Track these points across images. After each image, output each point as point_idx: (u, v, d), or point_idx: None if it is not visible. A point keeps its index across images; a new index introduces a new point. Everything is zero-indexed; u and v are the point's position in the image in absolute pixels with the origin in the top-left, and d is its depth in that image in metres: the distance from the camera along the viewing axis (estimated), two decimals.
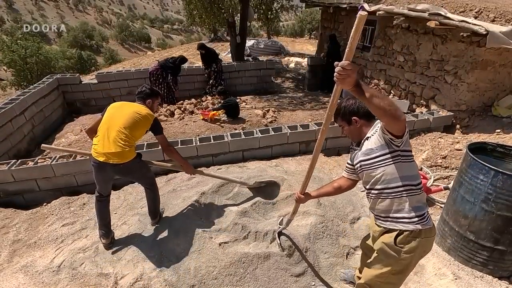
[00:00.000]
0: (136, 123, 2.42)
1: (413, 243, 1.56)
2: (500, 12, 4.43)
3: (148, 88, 2.66)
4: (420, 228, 1.55)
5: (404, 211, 1.57)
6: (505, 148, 2.53)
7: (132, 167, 2.51)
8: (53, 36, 62.10)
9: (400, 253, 1.59)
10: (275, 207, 3.09)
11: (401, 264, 1.62)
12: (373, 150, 1.57)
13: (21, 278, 2.45)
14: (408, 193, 1.56)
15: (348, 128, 1.72)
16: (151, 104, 2.63)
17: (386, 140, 1.51)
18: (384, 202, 1.62)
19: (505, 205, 2.14)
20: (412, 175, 1.57)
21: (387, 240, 1.63)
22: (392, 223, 1.62)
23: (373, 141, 1.59)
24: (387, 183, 1.58)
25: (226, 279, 2.33)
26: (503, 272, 2.38)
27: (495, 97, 4.74)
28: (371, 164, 1.59)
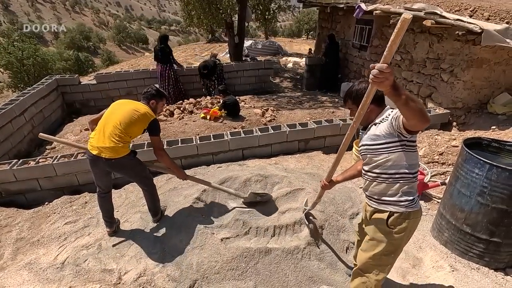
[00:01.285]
0: (132, 120, 2.41)
1: (403, 224, 1.66)
2: (495, 11, 4.50)
3: (154, 89, 2.65)
4: (410, 211, 1.65)
5: (397, 195, 1.66)
6: (500, 143, 2.59)
7: (125, 164, 2.51)
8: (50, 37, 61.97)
9: (392, 233, 1.69)
10: (275, 203, 3.13)
11: (393, 244, 1.71)
12: (380, 136, 1.61)
13: (25, 275, 2.48)
14: (404, 180, 1.64)
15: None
16: (154, 104, 2.62)
17: (397, 131, 1.54)
18: (380, 186, 1.70)
19: (500, 198, 2.20)
20: (413, 164, 1.64)
21: (379, 222, 1.72)
22: (384, 205, 1.71)
23: (382, 128, 1.61)
24: (387, 169, 1.65)
25: (228, 274, 2.37)
26: (498, 264, 2.44)
27: (491, 94, 4.81)
28: (376, 149, 1.64)
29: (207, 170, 3.95)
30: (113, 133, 2.38)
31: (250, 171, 3.61)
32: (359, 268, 1.88)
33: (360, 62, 7.21)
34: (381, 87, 1.31)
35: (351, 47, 7.54)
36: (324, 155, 4.40)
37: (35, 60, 18.45)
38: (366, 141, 1.71)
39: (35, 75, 18.47)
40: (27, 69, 18.28)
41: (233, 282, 2.34)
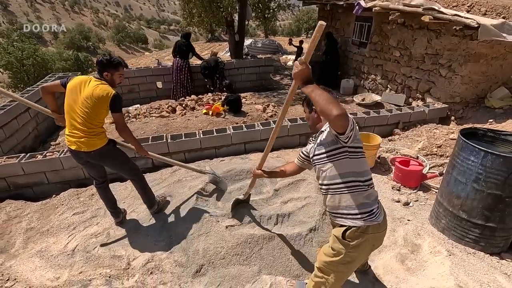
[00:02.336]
0: (91, 112, 2.30)
1: (361, 238, 1.61)
2: (491, 6, 4.59)
3: (105, 59, 2.37)
4: (368, 225, 1.59)
5: (351, 207, 1.60)
6: (495, 133, 2.68)
7: (105, 154, 2.48)
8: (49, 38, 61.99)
9: (348, 246, 1.64)
10: (278, 193, 3.22)
11: (349, 256, 1.66)
12: (324, 144, 1.61)
13: (37, 262, 2.57)
14: (355, 189, 1.59)
15: (308, 115, 1.80)
16: (109, 76, 2.39)
17: (333, 136, 1.53)
18: (332, 198, 1.66)
19: (494, 184, 2.29)
20: (360, 171, 1.59)
21: (337, 233, 1.67)
22: (341, 219, 1.66)
23: (325, 135, 1.62)
24: (333, 179, 1.61)
25: (233, 259, 2.45)
26: (494, 248, 2.52)
27: (488, 89, 4.90)
28: (321, 158, 1.64)
29: (210, 164, 4.03)
30: (82, 127, 2.32)
31: (253, 164, 3.70)
32: (318, 267, 1.83)
33: (360, 59, 7.29)
34: (296, 80, 1.52)
35: (350, 44, 7.62)
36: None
37: (34, 60, 18.50)
38: (314, 151, 1.70)
39: (35, 75, 18.52)
40: (27, 69, 18.34)
41: (238, 266, 2.43)
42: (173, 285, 2.32)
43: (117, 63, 2.39)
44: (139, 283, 2.31)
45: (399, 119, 4.81)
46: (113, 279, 2.33)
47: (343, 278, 1.80)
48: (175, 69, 7.22)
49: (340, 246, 1.66)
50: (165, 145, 4.07)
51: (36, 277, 2.41)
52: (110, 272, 2.39)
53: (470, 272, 2.31)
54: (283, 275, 2.40)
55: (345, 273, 1.78)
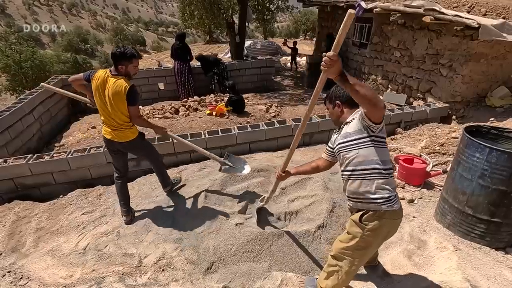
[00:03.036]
0: (115, 108, 2.50)
1: (377, 222, 1.68)
2: (491, 7, 4.67)
3: (118, 51, 2.43)
4: (385, 209, 1.67)
5: (370, 192, 1.68)
6: (498, 130, 2.73)
7: (135, 145, 2.78)
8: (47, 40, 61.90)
9: (364, 229, 1.71)
10: (284, 192, 3.26)
11: (365, 240, 1.73)
12: (351, 133, 1.70)
13: (49, 260, 2.59)
14: (376, 176, 1.67)
15: (332, 111, 1.89)
16: (124, 69, 2.48)
17: (364, 126, 1.64)
18: (354, 183, 1.73)
19: (499, 180, 2.34)
20: (383, 160, 1.68)
21: (354, 218, 1.77)
22: (360, 203, 1.75)
23: (351, 125, 1.71)
24: (358, 165, 1.70)
25: (244, 256, 2.49)
26: (499, 243, 2.57)
27: (488, 88, 4.97)
28: (347, 146, 1.72)
29: (215, 163, 4.06)
30: (114, 122, 2.59)
31: (258, 163, 3.75)
32: (333, 255, 1.89)
33: (360, 60, 7.36)
34: (329, 73, 1.47)
35: (351, 45, 7.69)
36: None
37: (33, 62, 18.48)
38: (339, 140, 1.78)
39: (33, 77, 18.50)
40: (25, 72, 18.30)
41: (249, 263, 2.46)
42: (185, 282, 2.35)
43: (130, 55, 2.45)
44: (152, 280, 2.34)
45: (401, 119, 4.87)
46: (126, 276, 2.36)
47: (357, 265, 1.84)
48: (176, 72, 7.24)
49: (356, 229, 1.75)
50: (171, 145, 4.10)
51: (49, 275, 2.44)
52: (123, 270, 2.42)
53: (477, 266, 2.36)
54: (293, 271, 2.44)
55: (359, 260, 1.82)
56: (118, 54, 2.42)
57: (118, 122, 2.58)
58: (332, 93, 1.87)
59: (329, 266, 1.92)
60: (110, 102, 2.48)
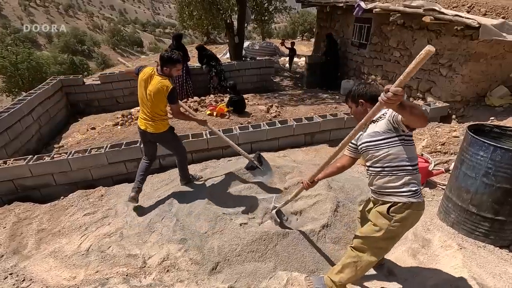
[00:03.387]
0: (154, 103, 2.80)
1: (404, 213, 1.75)
2: (491, 7, 4.71)
3: (166, 56, 2.74)
4: (412, 201, 1.74)
5: (399, 186, 1.75)
6: (501, 129, 2.75)
7: (164, 138, 3.04)
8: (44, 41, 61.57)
9: (391, 220, 1.77)
10: (288, 192, 3.26)
11: (391, 231, 1.80)
12: (380, 133, 1.74)
13: (51, 262, 2.56)
14: (405, 172, 1.74)
15: (355, 110, 1.91)
16: (168, 71, 2.78)
17: (395, 128, 1.69)
18: (383, 179, 1.80)
19: (504, 178, 2.35)
20: (411, 156, 1.75)
21: (381, 210, 1.82)
22: (388, 196, 1.80)
23: (380, 125, 1.75)
24: (389, 162, 1.76)
25: (249, 256, 2.48)
26: (503, 241, 2.58)
27: (488, 88, 5.00)
28: (377, 145, 1.76)
29: (217, 164, 4.06)
30: (149, 114, 2.88)
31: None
32: (353, 246, 1.96)
33: (360, 60, 7.39)
34: (390, 107, 1.43)
35: (350, 45, 7.72)
36: (330, 148, 4.54)
37: (29, 64, 18.38)
38: (366, 139, 1.82)
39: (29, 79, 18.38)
40: (22, 73, 18.19)
41: (254, 263, 2.45)
42: (190, 282, 2.33)
43: (175, 60, 2.76)
44: (157, 280, 2.32)
45: None
46: (131, 277, 2.34)
47: (378, 256, 1.91)
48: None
49: (383, 221, 1.80)
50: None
51: (52, 277, 2.41)
52: (127, 271, 2.39)
53: (482, 264, 2.36)
54: (298, 271, 2.42)
55: (383, 249, 1.91)
56: (166, 58, 2.73)
57: (153, 115, 2.86)
58: (354, 91, 1.88)
59: (347, 258, 1.96)
60: (151, 97, 2.77)
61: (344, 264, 1.98)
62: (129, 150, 3.90)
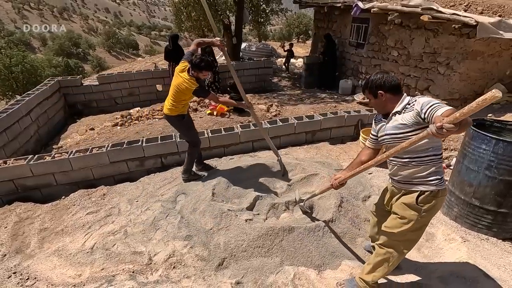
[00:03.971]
0: (176, 95, 3.05)
1: (433, 202, 1.75)
2: (487, 5, 4.79)
3: (194, 61, 2.90)
4: (439, 189, 1.75)
5: (427, 175, 1.75)
6: (502, 123, 2.79)
7: (173, 121, 3.26)
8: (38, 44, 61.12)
9: (421, 211, 1.76)
10: (291, 188, 3.27)
11: (420, 221, 1.79)
12: (407, 125, 1.68)
13: (55, 260, 2.54)
14: (433, 162, 1.74)
15: (374, 101, 1.83)
16: (195, 74, 2.96)
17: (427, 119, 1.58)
18: (411, 169, 1.77)
19: (506, 170, 2.38)
20: (437, 146, 1.74)
21: (408, 201, 1.79)
22: (414, 186, 1.78)
23: (407, 117, 1.68)
24: (418, 153, 1.74)
25: (255, 251, 2.48)
26: (506, 234, 2.61)
27: (485, 85, 5.08)
28: (403, 137, 1.69)
29: (219, 162, 4.06)
30: (169, 99, 3.14)
31: (264, 160, 3.74)
32: (381, 243, 1.93)
33: (358, 60, 7.45)
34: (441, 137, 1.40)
35: (348, 45, 7.78)
36: (330, 145, 4.56)
37: (23, 67, 18.23)
38: (391, 131, 1.76)
39: (23, 82, 18.21)
40: (16, 76, 18.01)
41: (260, 258, 2.45)
42: (197, 278, 2.32)
43: (202, 67, 2.90)
44: (164, 277, 2.31)
45: None
46: (137, 274, 2.33)
47: (409, 248, 1.90)
48: (171, 73, 7.22)
49: (412, 212, 1.79)
50: (174, 144, 4.07)
51: (56, 275, 2.39)
52: (133, 268, 2.38)
53: (486, 256, 2.39)
54: (305, 265, 2.43)
55: (413, 240, 1.89)
56: (193, 64, 2.91)
57: (170, 100, 3.13)
58: (371, 83, 1.79)
59: (377, 256, 1.95)
60: (173, 90, 3.03)
61: (375, 263, 1.96)
62: (130, 149, 3.89)
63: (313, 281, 2.28)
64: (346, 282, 2.22)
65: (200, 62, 2.90)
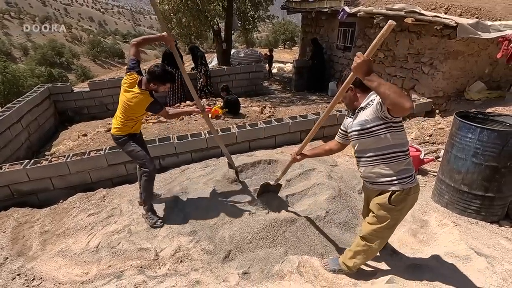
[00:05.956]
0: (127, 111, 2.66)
1: (405, 201, 1.80)
2: (465, 8, 5.10)
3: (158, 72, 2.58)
4: (410, 187, 1.78)
5: (395, 174, 1.76)
6: (484, 115, 3.00)
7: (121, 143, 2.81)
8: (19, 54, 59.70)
9: (393, 210, 1.82)
10: (290, 184, 3.37)
11: (394, 219, 1.86)
12: (368, 121, 1.72)
13: (60, 261, 2.53)
14: (398, 158, 1.74)
15: (345, 95, 1.88)
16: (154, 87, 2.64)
17: (381, 115, 1.65)
18: (376, 168, 1.79)
19: (491, 156, 2.56)
20: (402, 142, 1.75)
21: (381, 201, 1.84)
22: (385, 186, 1.81)
23: (368, 113, 1.72)
24: (379, 150, 1.75)
25: (260, 242, 2.55)
26: (493, 217, 2.79)
27: (466, 83, 5.37)
28: (365, 133, 1.75)
29: (217, 162, 4.12)
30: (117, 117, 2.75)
31: (261, 158, 3.84)
32: (362, 236, 2.01)
33: (345, 62, 7.70)
34: (359, 73, 1.54)
35: (335, 49, 8.04)
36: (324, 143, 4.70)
37: (4, 77, 17.84)
38: (355, 127, 1.81)
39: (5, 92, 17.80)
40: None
41: (265, 249, 2.52)
42: (204, 270, 2.37)
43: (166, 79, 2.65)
44: (172, 270, 2.35)
45: None
46: (145, 268, 2.36)
47: (385, 240, 2.03)
48: None
49: (384, 212, 1.84)
50: (172, 146, 4.12)
51: (63, 275, 2.38)
52: (141, 263, 2.41)
53: (477, 237, 2.55)
54: (308, 254, 2.51)
55: (387, 236, 2.00)
56: (157, 75, 2.57)
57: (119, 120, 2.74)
58: (344, 77, 1.88)
59: (357, 246, 2.04)
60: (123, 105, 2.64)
61: (355, 251, 2.06)
62: None
63: (317, 268, 2.37)
64: (330, 261, 2.32)
65: (164, 74, 2.58)
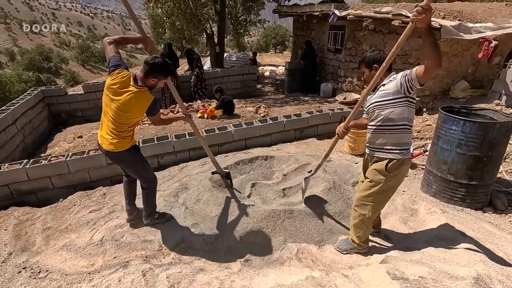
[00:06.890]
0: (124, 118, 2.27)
1: (399, 169, 2.04)
2: (448, 11, 5.38)
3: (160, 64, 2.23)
4: (405, 158, 2.02)
5: (398, 144, 2.00)
6: (467, 109, 3.20)
7: (123, 159, 2.46)
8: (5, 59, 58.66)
9: (388, 176, 2.05)
10: (287, 178, 3.50)
11: (387, 185, 2.08)
12: (389, 93, 1.93)
13: (65, 254, 2.59)
14: (404, 131, 1.98)
15: (369, 74, 2.09)
16: (154, 82, 2.27)
17: (404, 87, 1.85)
18: (383, 136, 2.02)
19: (474, 147, 2.75)
20: (411, 118, 1.99)
21: (379, 167, 2.07)
22: (385, 153, 2.05)
23: (390, 86, 1.94)
24: (391, 121, 1.97)
25: (260, 232, 2.67)
26: (477, 204, 2.98)
27: (451, 82, 5.63)
28: (384, 104, 1.97)
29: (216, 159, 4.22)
30: (109, 130, 2.31)
31: (257, 154, 3.96)
32: (354, 205, 2.24)
33: (336, 64, 7.93)
34: (421, 23, 1.60)
35: (326, 51, 8.27)
36: (318, 141, 4.86)
37: None
38: (376, 99, 2.02)
39: None
40: None
41: (265, 238, 2.64)
42: (207, 259, 2.47)
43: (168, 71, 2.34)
44: (176, 259, 2.44)
45: None
46: (150, 258, 2.44)
47: (379, 208, 2.18)
48: None
49: (380, 177, 2.06)
50: (170, 144, 4.21)
51: (69, 267, 2.44)
52: (146, 254, 2.49)
53: (463, 223, 2.72)
54: (306, 242, 2.65)
55: (381, 203, 2.16)
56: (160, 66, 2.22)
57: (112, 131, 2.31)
58: (369, 57, 2.07)
59: (354, 219, 2.24)
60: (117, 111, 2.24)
61: (354, 225, 2.26)
62: None
63: (315, 254, 2.50)
64: (341, 242, 2.52)
65: (167, 65, 2.25)
